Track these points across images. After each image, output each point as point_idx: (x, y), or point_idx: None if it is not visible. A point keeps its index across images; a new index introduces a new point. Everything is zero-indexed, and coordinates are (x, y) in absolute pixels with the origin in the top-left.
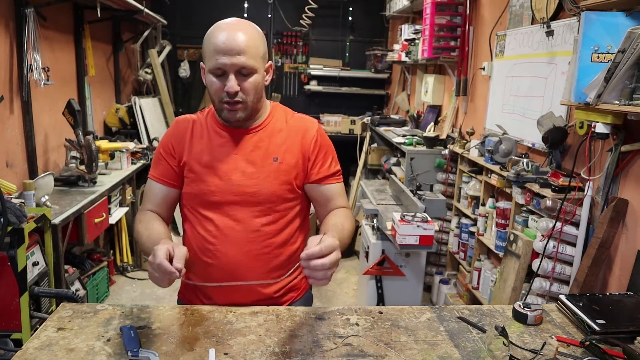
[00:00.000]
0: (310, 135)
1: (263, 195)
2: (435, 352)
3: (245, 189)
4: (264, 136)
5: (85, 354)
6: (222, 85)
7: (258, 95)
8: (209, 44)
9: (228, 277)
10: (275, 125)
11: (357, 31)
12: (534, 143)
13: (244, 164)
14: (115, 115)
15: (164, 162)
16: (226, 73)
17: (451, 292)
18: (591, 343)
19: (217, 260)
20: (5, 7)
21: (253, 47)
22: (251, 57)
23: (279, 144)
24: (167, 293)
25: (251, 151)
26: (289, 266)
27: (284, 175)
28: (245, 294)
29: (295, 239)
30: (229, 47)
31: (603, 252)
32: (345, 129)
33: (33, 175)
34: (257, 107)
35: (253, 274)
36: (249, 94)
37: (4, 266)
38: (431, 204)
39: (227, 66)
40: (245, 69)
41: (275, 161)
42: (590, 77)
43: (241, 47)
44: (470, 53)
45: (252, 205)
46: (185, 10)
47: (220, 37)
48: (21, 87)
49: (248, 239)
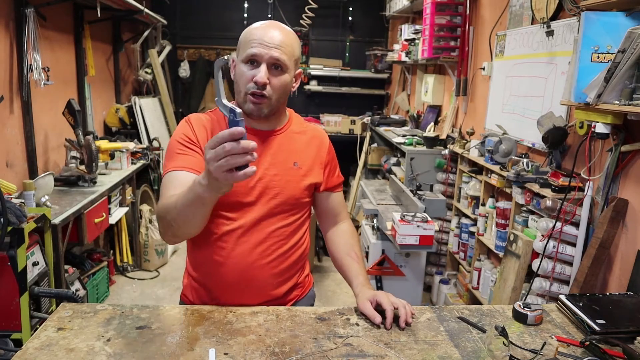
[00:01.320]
0: (325, 145)
1: (282, 198)
2: (435, 352)
3: (266, 190)
4: (284, 140)
5: (85, 354)
6: (252, 75)
7: (284, 96)
8: (247, 34)
9: (239, 276)
10: (294, 131)
11: (357, 31)
12: (534, 143)
13: (267, 165)
14: (115, 115)
15: (186, 152)
16: (258, 64)
17: (451, 292)
18: (591, 343)
19: (229, 259)
20: (5, 7)
21: (289, 46)
22: (285, 54)
23: (298, 149)
24: (167, 293)
25: (274, 153)
26: (296, 267)
27: (302, 180)
28: (254, 296)
29: (303, 241)
30: (267, 38)
31: (603, 252)
32: (345, 129)
33: (33, 175)
34: (279, 108)
35: (264, 274)
36: (276, 92)
37: (4, 266)
38: (431, 204)
39: (261, 56)
40: (278, 63)
41: (295, 165)
42: (590, 77)
43: (278, 41)
44: (470, 53)
45: (271, 207)
46: (185, 10)
47: (260, 29)
48: (21, 87)
49: (263, 240)
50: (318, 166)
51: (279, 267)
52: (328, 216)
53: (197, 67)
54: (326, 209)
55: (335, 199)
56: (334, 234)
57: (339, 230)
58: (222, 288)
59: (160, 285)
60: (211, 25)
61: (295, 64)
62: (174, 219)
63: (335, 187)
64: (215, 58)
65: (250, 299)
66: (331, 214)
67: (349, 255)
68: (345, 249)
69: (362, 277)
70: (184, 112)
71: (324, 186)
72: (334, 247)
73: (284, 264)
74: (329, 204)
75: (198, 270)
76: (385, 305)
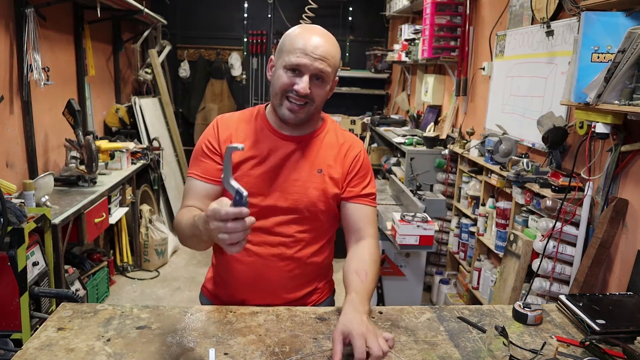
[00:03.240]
0: (354, 152)
1: (302, 204)
2: (435, 352)
3: (287, 195)
4: (313, 146)
5: (85, 354)
6: (291, 82)
7: (321, 105)
8: (292, 40)
9: (254, 276)
10: (326, 137)
11: (357, 31)
12: (534, 143)
13: (289, 170)
14: (115, 115)
15: (207, 160)
16: (301, 73)
17: (451, 292)
18: (591, 343)
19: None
20: (5, 7)
21: (334, 57)
22: (329, 66)
23: (326, 156)
24: (167, 293)
25: (298, 159)
26: (315, 274)
27: (325, 188)
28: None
29: (324, 250)
30: (311, 48)
31: (603, 252)
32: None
33: (33, 175)
34: (315, 115)
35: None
36: (316, 101)
37: (4, 266)
38: (431, 204)
39: (306, 67)
40: (321, 74)
41: (319, 173)
42: (590, 77)
43: (325, 53)
44: (470, 53)
45: (290, 212)
46: (185, 10)
47: (307, 37)
48: (21, 87)
49: (280, 243)
50: (341, 173)
51: (294, 271)
52: (350, 230)
53: (197, 67)
54: (348, 221)
55: (358, 211)
56: (351, 251)
57: (357, 248)
58: (237, 285)
59: (160, 285)
60: (211, 25)
61: (335, 74)
62: (185, 240)
63: (358, 198)
64: (215, 58)
65: (263, 299)
66: (353, 227)
67: (356, 272)
68: (356, 265)
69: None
70: (184, 112)
71: (344, 194)
72: (346, 265)
73: (300, 270)
74: (351, 216)
75: (219, 265)
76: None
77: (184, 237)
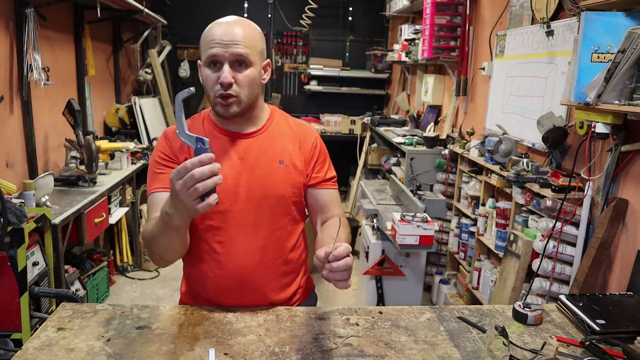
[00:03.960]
0: (310, 140)
1: (272, 200)
2: (435, 352)
3: (253, 194)
4: (267, 139)
5: (85, 354)
6: (216, 77)
7: (253, 90)
8: (205, 36)
9: (236, 285)
10: (276, 128)
11: (357, 31)
12: (534, 143)
13: (250, 168)
14: (115, 115)
15: (165, 170)
16: (220, 64)
17: (451, 292)
18: (591, 343)
19: (224, 269)
20: (5, 7)
21: (249, 39)
22: (246, 48)
23: (283, 147)
24: (167, 293)
25: (257, 155)
26: (296, 270)
27: (290, 178)
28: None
29: (300, 242)
30: (224, 36)
31: (603, 252)
32: (345, 129)
33: (33, 175)
34: (252, 103)
35: (263, 281)
36: (243, 88)
37: (4, 266)
38: (431, 204)
39: (221, 55)
40: (240, 58)
41: (281, 164)
42: (590, 77)
43: (237, 37)
44: (470, 53)
45: (262, 210)
46: (185, 10)
47: (216, 29)
48: (21, 87)
49: (257, 246)
50: (303, 162)
51: (279, 271)
52: (317, 213)
53: (197, 67)
54: (315, 205)
55: (325, 195)
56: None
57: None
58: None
59: (160, 285)
60: None
61: (261, 56)
62: (155, 247)
63: (321, 183)
64: None
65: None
66: (320, 210)
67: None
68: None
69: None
70: (184, 112)
71: (310, 181)
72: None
73: (283, 268)
74: (318, 201)
75: (196, 280)
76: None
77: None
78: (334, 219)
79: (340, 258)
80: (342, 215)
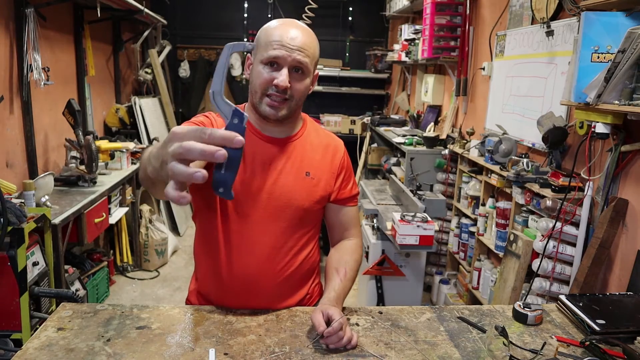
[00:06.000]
0: (340, 154)
1: (291, 210)
2: (435, 352)
3: (275, 202)
4: (297, 148)
5: (85, 354)
6: (271, 78)
7: (302, 100)
8: (268, 34)
9: (243, 289)
10: (308, 138)
11: (357, 31)
12: (534, 143)
13: (276, 175)
14: (115, 115)
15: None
16: (280, 66)
17: (451, 292)
18: (591, 343)
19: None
20: (5, 7)
21: (312, 48)
22: (307, 57)
23: (312, 158)
24: (167, 293)
25: (285, 162)
26: (306, 279)
27: (314, 191)
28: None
29: (313, 252)
30: (291, 41)
31: (603, 252)
32: (345, 129)
33: (33, 175)
34: (296, 112)
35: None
36: (296, 95)
37: (4, 266)
38: (431, 204)
39: (284, 59)
40: (300, 66)
41: (307, 176)
42: (590, 77)
43: (302, 44)
44: (470, 53)
45: (280, 219)
46: (185, 10)
47: (284, 29)
48: (21, 87)
49: (272, 254)
50: (330, 176)
51: (288, 280)
52: (336, 230)
53: (197, 67)
54: (335, 222)
55: (347, 213)
56: (335, 248)
57: (341, 245)
58: (226, 300)
59: (160, 285)
60: (211, 25)
61: (315, 66)
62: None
63: (347, 200)
64: (215, 58)
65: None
66: (340, 228)
67: (337, 270)
68: (336, 264)
69: (333, 293)
70: (184, 112)
71: (335, 197)
72: (329, 261)
73: (294, 278)
74: (339, 218)
75: (204, 280)
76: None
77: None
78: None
79: (334, 333)
80: (357, 236)
